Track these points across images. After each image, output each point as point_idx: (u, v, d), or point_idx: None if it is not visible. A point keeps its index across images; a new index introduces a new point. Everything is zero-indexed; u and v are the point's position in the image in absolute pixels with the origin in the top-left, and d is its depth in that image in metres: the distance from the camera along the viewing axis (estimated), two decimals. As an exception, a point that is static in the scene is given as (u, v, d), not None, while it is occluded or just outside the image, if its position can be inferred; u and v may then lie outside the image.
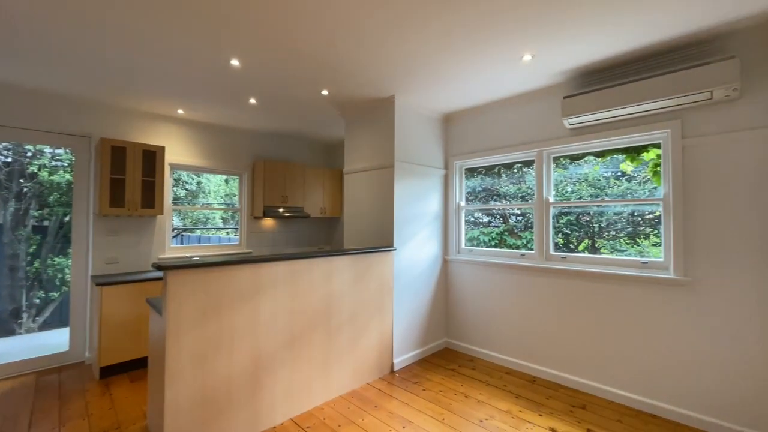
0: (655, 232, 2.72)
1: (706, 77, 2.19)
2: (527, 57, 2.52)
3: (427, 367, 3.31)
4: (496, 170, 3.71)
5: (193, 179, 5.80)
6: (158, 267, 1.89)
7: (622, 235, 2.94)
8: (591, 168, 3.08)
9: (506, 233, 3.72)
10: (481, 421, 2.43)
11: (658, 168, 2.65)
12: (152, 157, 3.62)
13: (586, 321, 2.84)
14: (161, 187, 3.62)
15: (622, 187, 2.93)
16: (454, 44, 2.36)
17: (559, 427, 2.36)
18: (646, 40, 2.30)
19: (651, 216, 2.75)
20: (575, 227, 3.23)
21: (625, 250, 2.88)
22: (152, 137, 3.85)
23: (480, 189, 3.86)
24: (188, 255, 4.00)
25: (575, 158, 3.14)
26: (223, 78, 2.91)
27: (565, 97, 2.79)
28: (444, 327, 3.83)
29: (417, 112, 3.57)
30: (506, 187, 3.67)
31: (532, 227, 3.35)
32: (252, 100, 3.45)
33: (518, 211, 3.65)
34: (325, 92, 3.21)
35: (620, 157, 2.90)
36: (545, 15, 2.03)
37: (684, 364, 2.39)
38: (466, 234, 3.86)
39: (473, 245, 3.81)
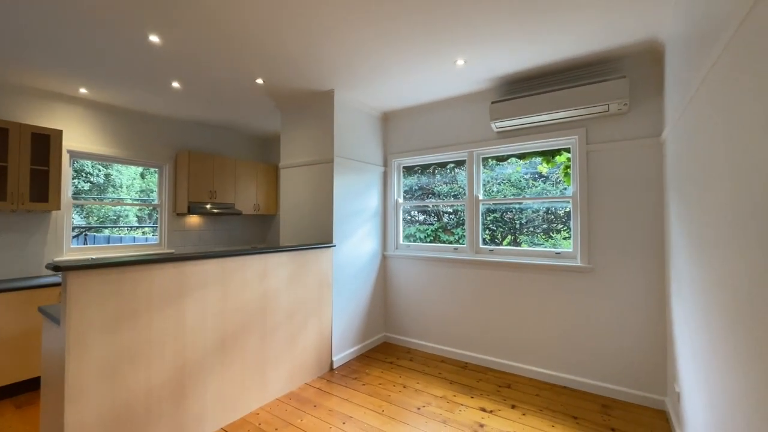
0: (565, 227, 3.10)
1: (603, 92, 2.56)
2: (460, 62, 2.68)
3: (366, 362, 3.33)
4: (431, 169, 3.88)
5: (99, 171, 5.06)
6: (55, 268, 1.61)
7: (539, 231, 3.29)
8: (514, 169, 3.40)
9: (440, 230, 3.91)
10: (418, 408, 2.52)
11: (569, 170, 3.01)
12: (45, 142, 3.07)
13: (510, 307, 3.12)
14: (57, 177, 3.09)
15: (539, 188, 3.28)
16: (394, 44, 2.41)
17: (488, 405, 2.55)
18: (559, 56, 2.59)
19: (562, 213, 3.12)
20: (500, 224, 3.53)
21: (542, 244, 3.23)
22: (46, 119, 3.27)
23: (416, 187, 4.00)
24: (94, 257, 3.48)
25: (501, 159, 3.42)
26: (139, 55, 2.59)
27: (492, 103, 3.03)
28: (383, 322, 3.89)
29: (357, 109, 3.57)
30: (440, 186, 3.86)
31: (463, 224, 3.57)
32: (175, 84, 3.12)
33: (450, 209, 3.87)
34: (260, 81, 3.04)
35: (537, 159, 3.24)
36: (475, 26, 2.18)
37: (588, 339, 2.76)
38: (403, 231, 3.97)
39: (410, 242, 3.93)
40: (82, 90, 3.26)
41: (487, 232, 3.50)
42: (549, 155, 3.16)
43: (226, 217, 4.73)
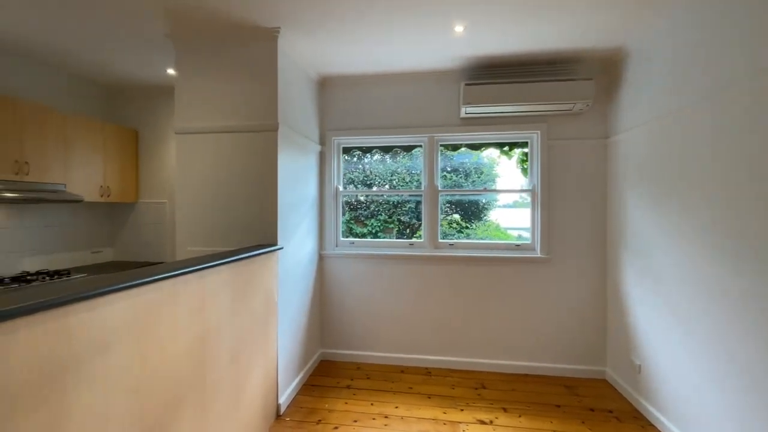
0: (478, 219, 3.22)
1: (572, 91, 2.65)
2: (459, 27, 2.28)
3: (317, 394, 2.61)
4: (366, 153, 3.34)
5: None
6: None
7: (453, 223, 3.27)
8: (470, 159, 3.27)
9: (352, 221, 3.43)
10: (422, 443, 2.08)
11: (525, 164, 3.08)
12: None
13: (470, 302, 3.00)
14: None
15: (473, 179, 3.24)
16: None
17: (483, 416, 2.34)
18: (541, 45, 2.53)
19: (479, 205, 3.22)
20: (414, 214, 3.33)
21: (453, 235, 3.23)
22: None
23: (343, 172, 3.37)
24: None
25: (455, 148, 3.23)
26: None
27: (466, 84, 2.77)
28: (319, 337, 3.18)
29: (296, 64, 2.68)
30: (373, 172, 3.37)
31: (376, 215, 3.27)
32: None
33: (362, 198, 3.45)
34: (161, -18, 1.83)
35: (481, 152, 3.19)
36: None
37: (545, 325, 2.90)
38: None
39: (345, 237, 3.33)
40: None
41: (399, 223, 3.32)
42: (506, 147, 3.15)
43: (48, 206, 2.90)
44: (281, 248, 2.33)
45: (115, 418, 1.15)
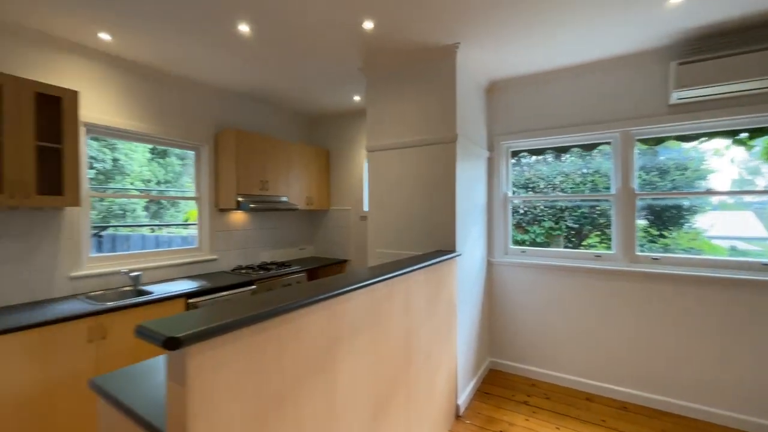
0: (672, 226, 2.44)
1: None
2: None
3: (492, 403, 2.58)
4: (533, 155, 3.10)
5: (105, 154, 4.04)
6: (169, 342, 0.76)
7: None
8: (679, 153, 2.66)
9: (513, 227, 3.15)
10: (631, 489, 1.79)
11: (777, 154, 2.31)
12: (54, 107, 2.11)
13: (686, 333, 2.41)
14: (74, 159, 2.14)
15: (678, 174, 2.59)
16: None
17: (718, 479, 1.85)
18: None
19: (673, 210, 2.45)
20: (587, 220, 2.89)
21: (643, 245, 2.64)
22: (51, 76, 2.29)
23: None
24: (124, 270, 2.55)
25: (658, 141, 2.68)
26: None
27: (679, 64, 2.26)
28: (487, 345, 3.14)
29: (470, 74, 2.74)
30: (535, 175, 3.11)
31: (539, 221, 3.02)
32: (243, 27, 2.20)
33: (518, 202, 3.14)
34: (368, 25, 2.16)
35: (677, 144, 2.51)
36: None
37: (820, 379, 2.08)
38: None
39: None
40: (103, 36, 2.30)
41: (564, 228, 3.00)
42: (739, 135, 2.43)
43: (275, 213, 3.84)
44: (459, 255, 2.42)
45: (361, 387, 1.40)
